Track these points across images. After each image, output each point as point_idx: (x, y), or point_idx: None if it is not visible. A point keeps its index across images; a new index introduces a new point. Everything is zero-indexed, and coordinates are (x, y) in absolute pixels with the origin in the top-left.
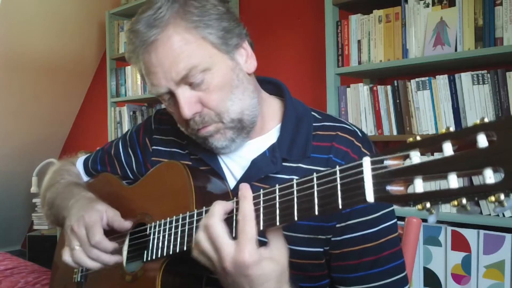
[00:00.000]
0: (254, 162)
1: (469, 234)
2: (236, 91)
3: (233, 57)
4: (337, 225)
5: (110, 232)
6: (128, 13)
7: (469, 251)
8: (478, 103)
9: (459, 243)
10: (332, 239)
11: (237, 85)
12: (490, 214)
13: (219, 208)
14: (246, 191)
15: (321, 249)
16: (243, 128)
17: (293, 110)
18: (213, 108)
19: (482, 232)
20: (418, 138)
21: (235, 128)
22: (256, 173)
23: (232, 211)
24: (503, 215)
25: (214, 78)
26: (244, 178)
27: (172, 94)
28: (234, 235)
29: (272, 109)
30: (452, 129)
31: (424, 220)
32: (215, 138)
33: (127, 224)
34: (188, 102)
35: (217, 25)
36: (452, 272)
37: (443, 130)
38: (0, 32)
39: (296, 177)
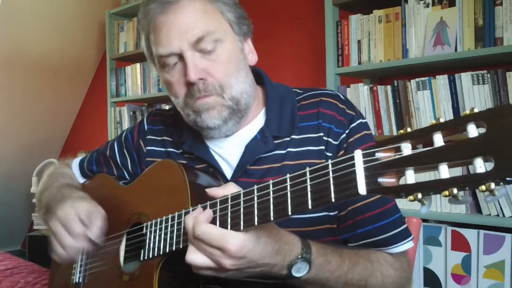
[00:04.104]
0: (247, 147)
1: (469, 234)
2: (241, 72)
3: (242, 42)
4: None
5: (106, 233)
6: (128, 13)
7: (469, 251)
8: (478, 103)
9: (459, 243)
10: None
11: (242, 67)
12: (490, 214)
13: (203, 218)
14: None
15: (331, 213)
16: (238, 111)
17: (274, 92)
18: (218, 78)
19: (482, 232)
20: (409, 129)
21: (231, 109)
22: (250, 157)
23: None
24: (503, 215)
25: (224, 51)
26: (240, 164)
27: (180, 58)
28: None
29: (256, 97)
30: (442, 120)
31: (424, 220)
32: (210, 115)
33: (99, 239)
34: (195, 66)
35: (233, 7)
36: (452, 272)
37: (434, 121)
38: (0, 32)
39: (281, 155)
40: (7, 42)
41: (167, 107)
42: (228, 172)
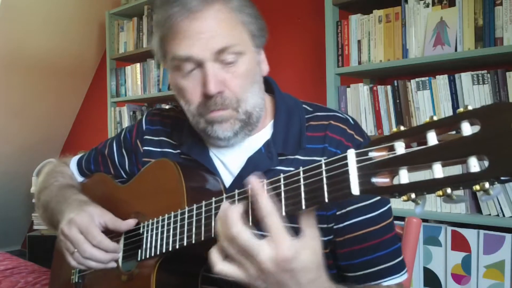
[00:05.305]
0: (250, 159)
1: (469, 234)
2: (256, 85)
3: (259, 54)
4: (338, 213)
5: (105, 234)
6: (128, 13)
7: (469, 251)
8: (478, 103)
9: (459, 243)
10: (335, 227)
11: (257, 80)
12: (490, 214)
13: (237, 215)
14: (257, 186)
15: (325, 238)
16: (249, 124)
17: (283, 104)
18: (236, 92)
19: (482, 232)
20: (402, 128)
21: (243, 122)
22: (253, 170)
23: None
24: (503, 215)
25: (244, 64)
26: (241, 175)
27: (198, 66)
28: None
29: (265, 107)
30: (436, 118)
31: (424, 220)
32: (223, 127)
33: (123, 225)
34: (215, 78)
35: (256, 20)
36: (452, 272)
37: (427, 120)
38: (0, 32)
39: (284, 171)
40: (7, 42)
41: (167, 107)
42: (228, 179)
